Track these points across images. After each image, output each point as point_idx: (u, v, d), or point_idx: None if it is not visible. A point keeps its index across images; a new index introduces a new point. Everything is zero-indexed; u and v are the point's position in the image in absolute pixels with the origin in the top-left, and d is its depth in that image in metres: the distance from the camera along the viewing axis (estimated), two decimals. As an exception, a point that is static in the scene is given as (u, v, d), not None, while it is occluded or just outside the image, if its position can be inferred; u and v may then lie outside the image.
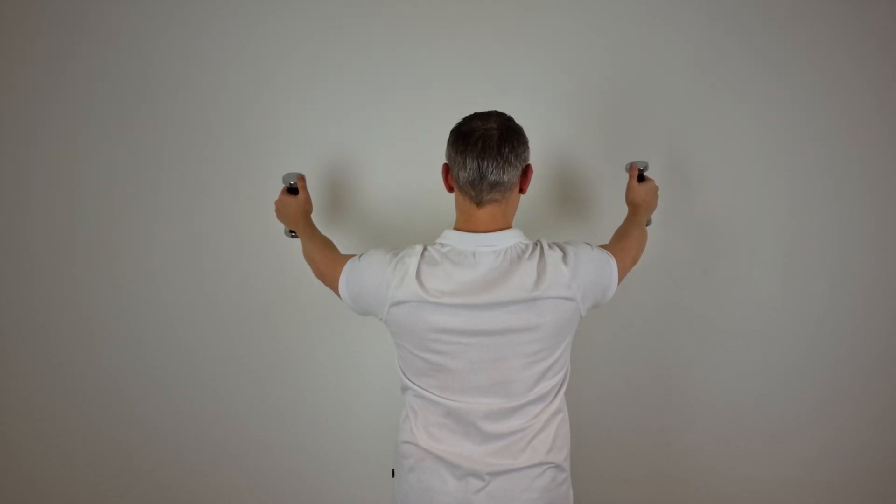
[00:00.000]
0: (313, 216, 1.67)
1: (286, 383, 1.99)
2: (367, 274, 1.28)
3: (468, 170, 1.20)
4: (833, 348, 1.94)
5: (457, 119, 1.27)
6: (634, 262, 1.48)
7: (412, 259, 1.23)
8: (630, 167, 1.67)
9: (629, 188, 1.66)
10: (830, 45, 1.77)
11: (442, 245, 1.26)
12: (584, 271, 1.25)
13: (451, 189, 1.30)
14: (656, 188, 1.67)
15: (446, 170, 1.28)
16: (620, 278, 1.35)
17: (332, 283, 1.37)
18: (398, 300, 1.22)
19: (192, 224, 1.89)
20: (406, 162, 1.83)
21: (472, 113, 1.26)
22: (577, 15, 1.76)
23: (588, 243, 1.33)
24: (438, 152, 1.30)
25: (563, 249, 1.26)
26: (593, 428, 1.99)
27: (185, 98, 1.81)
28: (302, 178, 1.63)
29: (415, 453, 1.30)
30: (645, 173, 1.69)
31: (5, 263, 1.92)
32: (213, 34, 1.77)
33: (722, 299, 1.92)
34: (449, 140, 1.25)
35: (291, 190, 1.63)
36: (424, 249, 1.26)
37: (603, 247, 1.40)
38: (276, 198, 1.64)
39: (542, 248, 1.25)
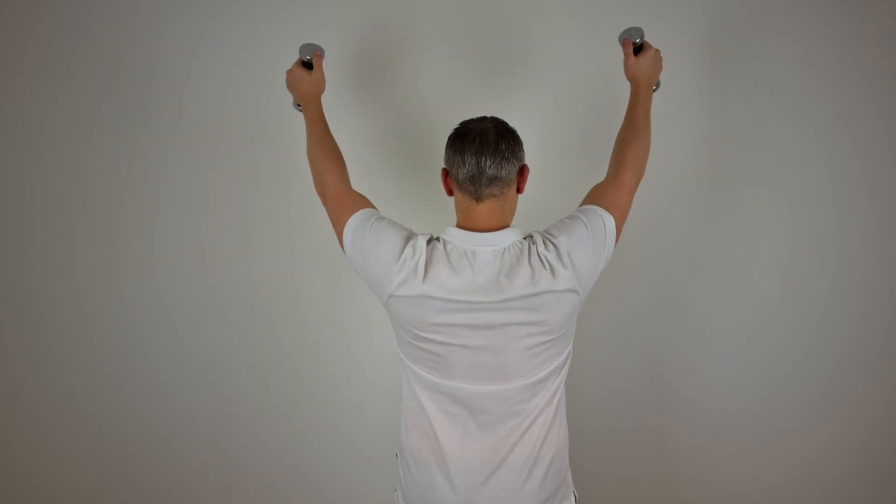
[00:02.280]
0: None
1: (288, 380, 2.00)
2: (375, 253, 1.25)
3: (467, 166, 1.21)
4: (832, 348, 1.94)
5: (455, 121, 1.28)
6: (636, 184, 1.40)
7: (421, 254, 1.22)
8: (623, 42, 1.50)
9: (626, 66, 1.52)
10: (830, 44, 1.77)
11: (444, 242, 1.27)
12: (582, 260, 1.24)
13: (450, 192, 1.31)
14: (656, 54, 1.50)
15: (445, 174, 1.30)
16: (623, 221, 1.33)
17: (336, 222, 1.34)
18: (400, 294, 1.23)
19: (195, 222, 1.89)
20: (405, 163, 1.83)
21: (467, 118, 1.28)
22: (576, 15, 1.76)
23: (581, 219, 1.28)
24: (438, 154, 1.31)
25: (556, 246, 1.24)
26: (593, 427, 1.99)
27: (187, 98, 1.81)
28: (319, 54, 1.52)
29: (417, 448, 1.31)
30: (642, 42, 1.49)
31: (7, 263, 1.92)
32: (216, 34, 1.78)
33: (722, 299, 1.92)
34: (447, 144, 1.27)
35: (306, 65, 1.52)
36: (430, 242, 1.25)
37: (598, 192, 1.36)
38: (289, 68, 1.53)
39: (536, 247, 1.24)
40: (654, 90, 1.55)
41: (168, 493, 2.08)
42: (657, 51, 1.52)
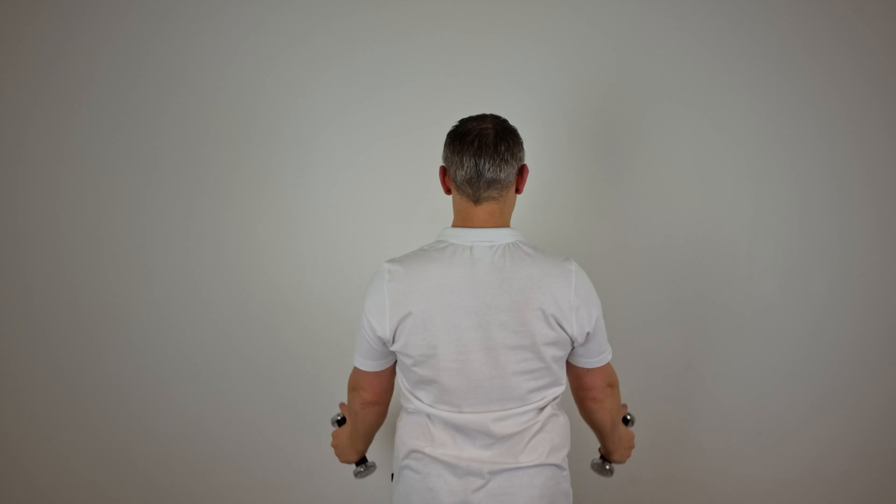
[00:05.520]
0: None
1: (287, 382, 2.00)
2: (366, 313, 1.28)
3: (465, 168, 1.21)
4: (833, 348, 1.94)
5: (455, 119, 1.28)
6: (602, 397, 1.42)
7: (389, 272, 1.24)
8: (623, 407, 1.56)
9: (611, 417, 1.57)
10: (831, 44, 1.77)
11: (438, 243, 1.27)
12: (587, 309, 1.26)
13: (448, 191, 1.31)
14: (632, 445, 1.55)
15: (443, 172, 1.29)
16: (597, 376, 1.37)
17: (359, 376, 1.37)
18: (399, 305, 1.23)
19: (192, 224, 1.89)
20: (405, 162, 1.83)
21: (466, 116, 1.28)
22: (577, 13, 1.76)
23: (600, 313, 1.31)
24: (437, 153, 1.31)
25: (588, 283, 1.26)
26: (593, 428, 1.99)
27: (181, 99, 1.82)
28: (343, 405, 1.56)
29: (414, 455, 1.31)
30: (630, 425, 1.57)
31: (5, 263, 1.93)
32: (210, 34, 1.78)
33: (722, 299, 1.92)
34: (445, 142, 1.26)
35: (341, 422, 1.55)
36: (391, 261, 1.26)
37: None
38: (332, 442, 1.56)
39: (566, 261, 1.26)
40: (628, 422, 1.57)
41: (167, 493, 2.08)
42: (633, 445, 1.55)
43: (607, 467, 1.57)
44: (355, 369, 1.38)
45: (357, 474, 1.57)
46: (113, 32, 1.78)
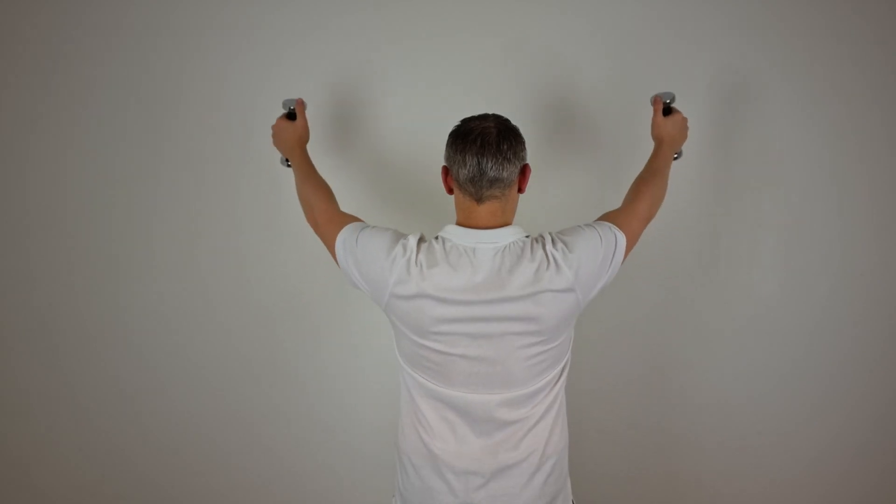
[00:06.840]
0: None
1: (287, 383, 2.00)
2: (367, 259, 1.27)
3: (468, 167, 1.21)
4: (833, 347, 1.94)
5: (456, 119, 1.28)
6: (648, 219, 1.44)
7: (412, 253, 1.23)
8: (654, 100, 1.57)
9: (654, 124, 1.58)
10: (831, 44, 1.77)
11: (444, 240, 1.27)
12: (587, 268, 1.25)
13: (450, 190, 1.31)
14: (684, 120, 1.56)
15: (445, 171, 1.30)
16: (631, 247, 1.34)
17: (327, 241, 1.36)
18: (399, 293, 1.23)
19: (193, 223, 1.89)
20: (405, 162, 1.83)
21: (468, 116, 1.28)
22: (577, 13, 1.76)
23: (595, 228, 1.29)
24: (438, 152, 1.31)
25: (566, 245, 1.24)
26: (592, 426, 1.99)
27: (184, 96, 1.82)
28: (301, 102, 1.60)
29: (415, 451, 1.31)
30: (672, 105, 1.57)
31: (4, 264, 1.93)
32: (213, 31, 1.78)
33: (722, 298, 1.92)
34: (448, 142, 1.26)
35: (290, 116, 1.59)
36: (420, 241, 1.26)
37: (612, 214, 1.38)
38: (274, 123, 1.60)
39: (544, 245, 1.25)
40: (674, 158, 1.60)
41: (167, 494, 2.08)
42: (685, 118, 1.57)
43: (675, 156, 1.60)
44: (333, 222, 1.36)
45: (282, 162, 1.63)
46: (113, 34, 1.78)
